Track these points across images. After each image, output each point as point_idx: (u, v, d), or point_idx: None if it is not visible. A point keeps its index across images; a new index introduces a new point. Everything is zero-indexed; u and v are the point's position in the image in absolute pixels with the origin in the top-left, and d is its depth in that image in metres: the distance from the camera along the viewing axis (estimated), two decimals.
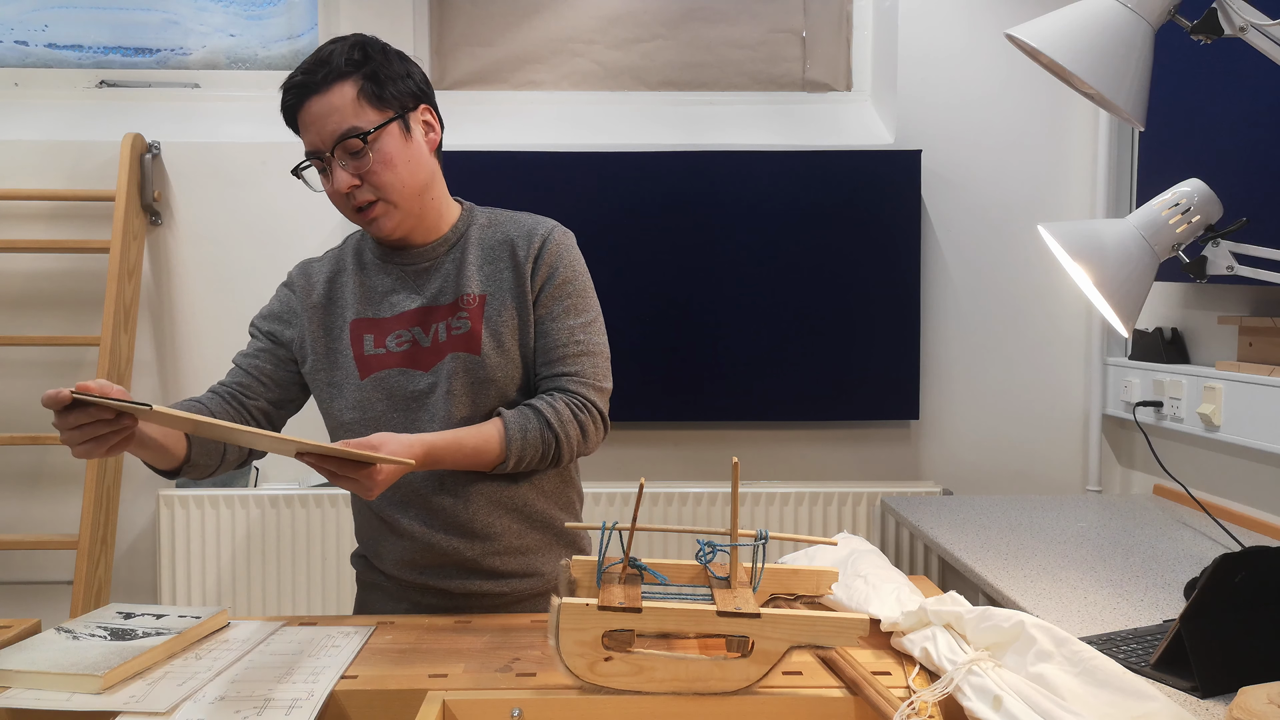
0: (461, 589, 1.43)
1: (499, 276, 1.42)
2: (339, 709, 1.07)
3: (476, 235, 1.45)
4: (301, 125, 1.36)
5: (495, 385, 1.38)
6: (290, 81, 1.35)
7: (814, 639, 1.04)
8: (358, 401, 1.40)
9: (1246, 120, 2.06)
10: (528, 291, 1.40)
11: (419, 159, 1.39)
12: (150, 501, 2.71)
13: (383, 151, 1.33)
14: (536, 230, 1.43)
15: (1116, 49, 1.26)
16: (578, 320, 1.42)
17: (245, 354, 1.46)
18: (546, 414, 1.35)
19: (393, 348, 1.40)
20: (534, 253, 1.41)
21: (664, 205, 2.66)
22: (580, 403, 1.38)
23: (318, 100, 1.33)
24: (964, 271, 2.76)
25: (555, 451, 1.37)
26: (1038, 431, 2.78)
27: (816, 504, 2.67)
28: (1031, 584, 1.67)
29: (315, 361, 1.43)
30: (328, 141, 1.33)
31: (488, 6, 2.89)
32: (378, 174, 1.34)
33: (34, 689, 1.06)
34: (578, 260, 1.45)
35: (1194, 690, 1.15)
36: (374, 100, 1.34)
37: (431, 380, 1.39)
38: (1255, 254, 1.40)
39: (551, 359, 1.40)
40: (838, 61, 2.93)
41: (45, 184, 2.68)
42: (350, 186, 1.34)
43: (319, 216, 2.72)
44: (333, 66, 1.33)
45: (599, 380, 1.41)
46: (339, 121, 1.32)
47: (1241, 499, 2.20)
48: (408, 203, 1.38)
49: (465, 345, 1.38)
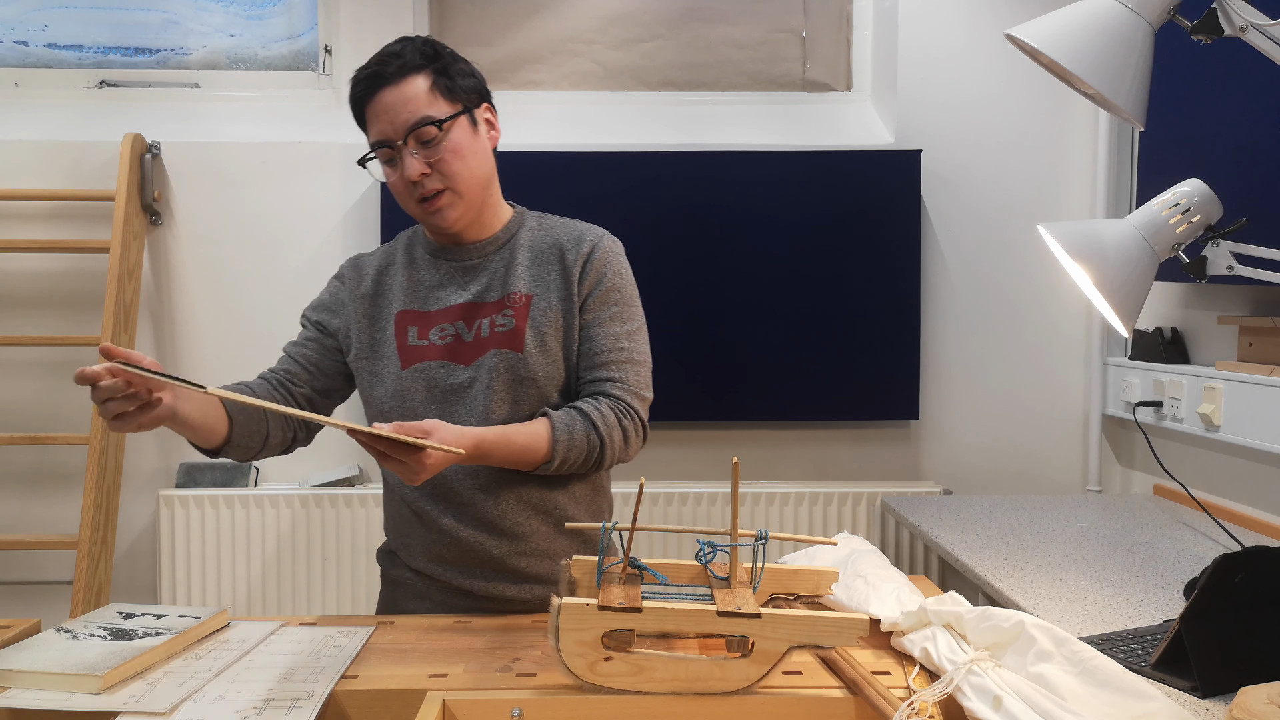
0: (485, 591, 1.43)
1: (547, 278, 1.44)
2: (339, 709, 1.07)
3: (526, 237, 1.47)
4: (371, 115, 1.38)
5: (535, 384, 1.40)
6: (361, 73, 1.38)
7: (814, 639, 1.04)
8: (397, 390, 1.42)
9: (1246, 120, 2.06)
10: (574, 295, 1.43)
11: (484, 153, 1.43)
12: (150, 501, 2.71)
13: (454, 141, 1.37)
14: (586, 236, 1.46)
15: (1116, 49, 1.26)
16: (623, 327, 1.44)
17: (294, 343, 1.50)
18: (593, 417, 1.37)
19: (435, 340, 1.43)
20: (583, 258, 1.44)
21: (663, 205, 2.66)
22: (624, 408, 1.40)
23: (391, 91, 1.35)
24: (964, 271, 2.76)
25: (599, 455, 1.38)
26: (1038, 431, 2.78)
27: (816, 504, 2.67)
28: (1031, 584, 1.67)
29: (359, 350, 1.46)
30: (400, 130, 1.35)
31: (488, 6, 2.89)
32: (448, 163, 1.37)
33: (34, 689, 1.06)
34: (625, 269, 1.48)
35: (1194, 690, 1.15)
36: (446, 93, 1.38)
37: (471, 374, 1.41)
38: (1255, 254, 1.40)
39: (595, 364, 1.42)
40: (838, 61, 2.93)
41: (45, 184, 2.68)
42: (420, 174, 1.36)
43: (319, 216, 2.72)
44: (406, 60, 1.36)
45: (641, 388, 1.43)
46: (413, 111, 1.35)
47: (1241, 499, 2.20)
48: (472, 194, 1.41)
49: (509, 342, 1.40)
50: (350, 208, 2.72)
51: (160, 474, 2.73)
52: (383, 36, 3.01)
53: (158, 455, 2.73)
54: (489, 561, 1.42)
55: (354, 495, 2.63)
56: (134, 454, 2.71)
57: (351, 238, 2.72)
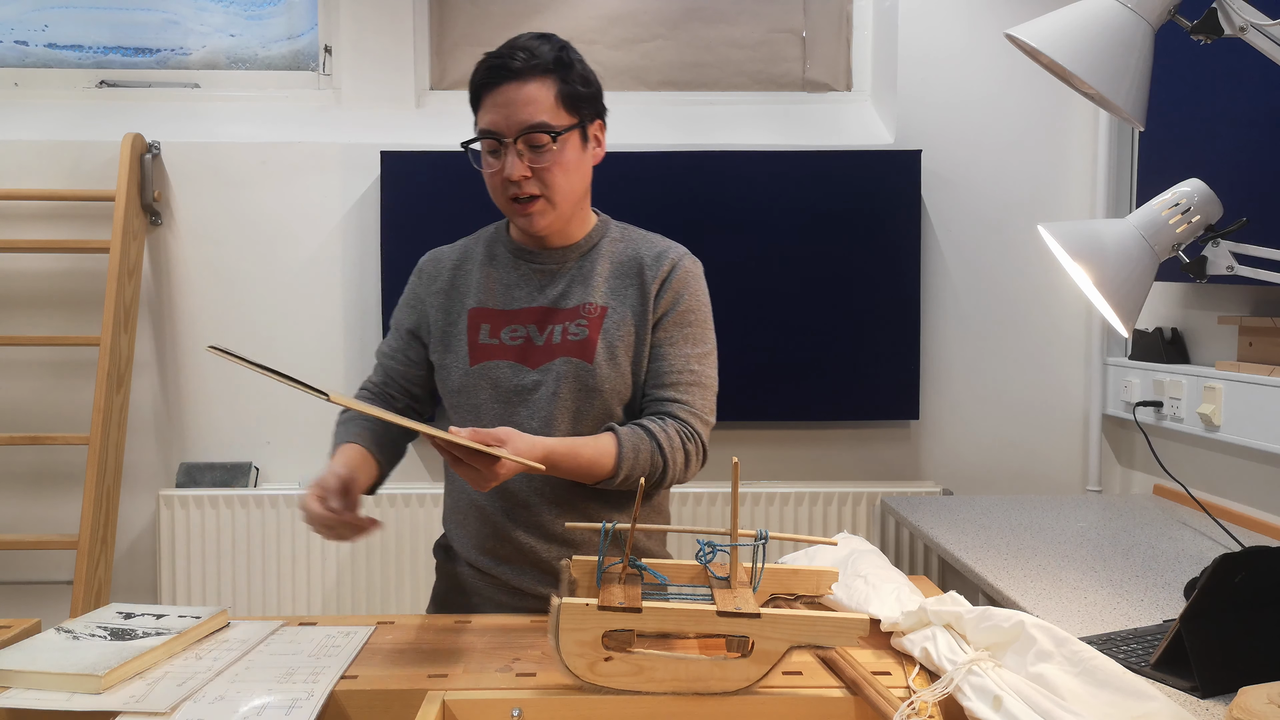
0: (534, 589, 1.44)
1: (623, 293, 1.44)
2: (339, 709, 1.07)
3: (608, 248, 1.48)
4: (488, 104, 1.37)
5: (601, 396, 1.40)
6: (491, 61, 1.37)
7: (814, 639, 1.04)
8: (462, 386, 1.43)
9: (1246, 120, 2.06)
10: (649, 313, 1.43)
11: (586, 169, 1.43)
12: (150, 501, 2.71)
13: (562, 154, 1.37)
14: (667, 254, 1.46)
15: (1116, 49, 1.26)
16: (694, 350, 1.44)
17: (384, 353, 1.53)
18: (659, 437, 1.37)
19: (506, 341, 1.43)
20: (662, 276, 1.44)
21: (663, 205, 2.66)
22: (689, 431, 1.40)
23: (515, 87, 1.35)
24: (964, 271, 2.76)
25: (661, 475, 1.38)
26: (1038, 431, 2.78)
27: (816, 504, 2.67)
28: (1031, 584, 1.67)
29: (434, 343, 1.48)
30: (514, 128, 1.35)
31: (488, 6, 2.89)
32: (551, 173, 1.37)
33: (34, 689, 1.06)
34: (703, 291, 1.48)
35: (1194, 690, 1.15)
36: (567, 103, 1.38)
37: (537, 379, 1.41)
38: (1255, 254, 1.40)
39: (663, 383, 1.42)
40: (838, 61, 2.93)
41: (45, 184, 2.68)
42: (521, 176, 1.36)
43: (319, 216, 2.72)
44: (540, 60, 1.36)
45: (705, 413, 1.44)
46: (533, 113, 1.34)
47: (1241, 499, 2.20)
48: (566, 206, 1.41)
49: (579, 352, 1.40)
50: (350, 208, 2.72)
51: (160, 474, 2.73)
52: (383, 36, 3.00)
53: (158, 455, 2.73)
54: (538, 564, 1.44)
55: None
56: (134, 454, 2.71)
57: (351, 238, 2.71)
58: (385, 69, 2.79)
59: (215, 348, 1.08)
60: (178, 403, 2.73)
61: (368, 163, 2.70)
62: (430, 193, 2.64)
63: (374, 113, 2.79)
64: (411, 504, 2.64)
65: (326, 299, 2.72)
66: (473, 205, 2.67)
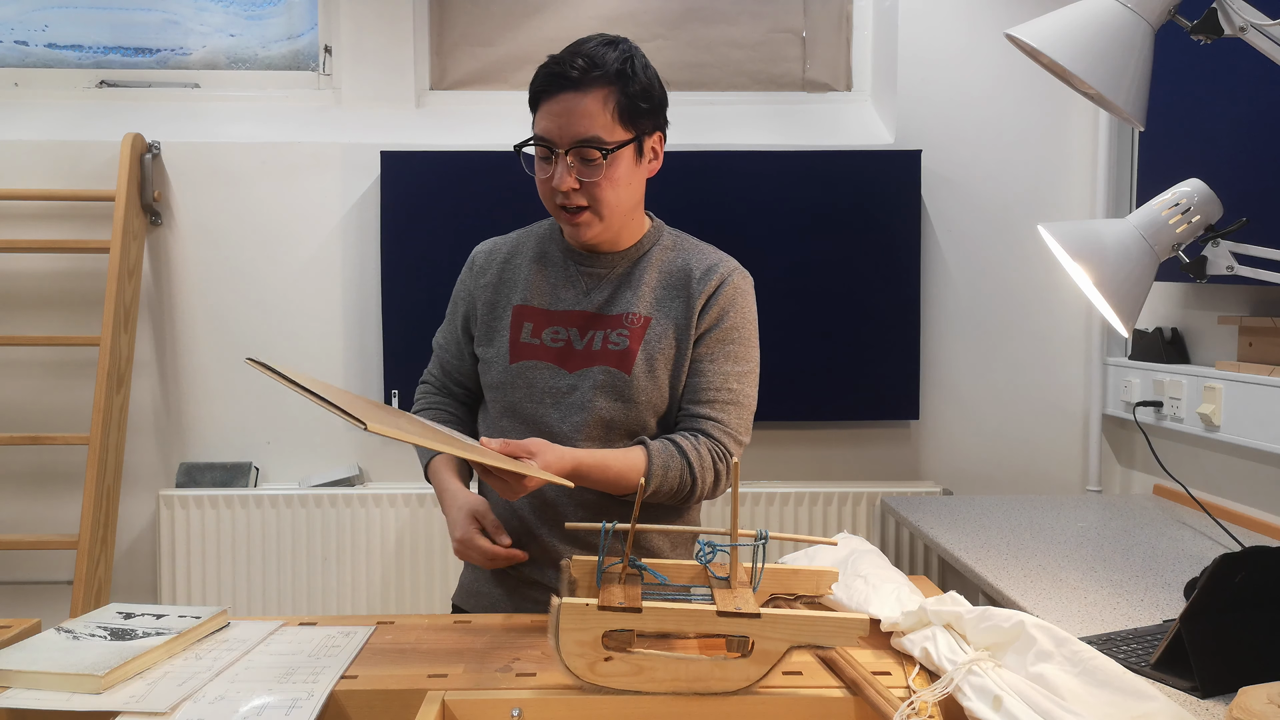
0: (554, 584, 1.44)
1: (669, 305, 1.43)
2: (339, 709, 1.07)
3: (659, 256, 1.47)
4: (544, 110, 1.35)
5: (637, 407, 1.40)
6: (553, 68, 1.34)
7: (814, 639, 1.04)
8: (500, 382, 1.44)
9: (1246, 120, 2.06)
10: (692, 327, 1.42)
11: (638, 182, 1.41)
12: (150, 501, 2.71)
13: (613, 169, 1.35)
14: (717, 268, 1.45)
15: (1116, 49, 1.26)
16: (734, 368, 1.43)
17: (440, 344, 1.56)
18: (690, 455, 1.36)
19: (548, 342, 1.43)
20: (710, 290, 1.43)
21: (662, 205, 2.62)
22: (721, 451, 1.40)
23: (573, 96, 1.32)
24: (964, 271, 2.76)
25: (689, 492, 1.38)
26: (1038, 432, 2.78)
27: (816, 504, 2.67)
28: (1031, 584, 1.67)
29: (479, 336, 1.49)
30: (566, 140, 1.33)
31: (488, 6, 2.89)
32: (601, 188, 1.35)
33: (34, 689, 1.06)
34: (750, 308, 1.48)
35: (1194, 690, 1.15)
36: (624, 116, 1.34)
37: (573, 383, 1.41)
38: (1255, 254, 1.40)
39: (700, 399, 1.42)
40: (838, 61, 2.93)
41: (45, 184, 2.68)
42: (570, 188, 1.34)
43: (319, 216, 2.72)
44: (603, 70, 1.32)
45: (740, 433, 1.43)
46: (587, 126, 1.32)
47: (1241, 499, 2.20)
48: (614, 220, 1.40)
49: (618, 361, 1.40)
50: (350, 208, 2.72)
51: (160, 474, 2.73)
52: (383, 36, 3.00)
53: (158, 455, 2.73)
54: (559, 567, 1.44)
55: (354, 495, 2.63)
56: (134, 454, 2.71)
57: (351, 238, 2.71)
58: (385, 69, 2.79)
59: (254, 360, 1.08)
60: (178, 403, 2.73)
61: (368, 163, 2.70)
62: (430, 193, 2.64)
63: (374, 113, 2.79)
64: (411, 504, 2.64)
65: (326, 299, 2.72)
66: (473, 205, 2.68)
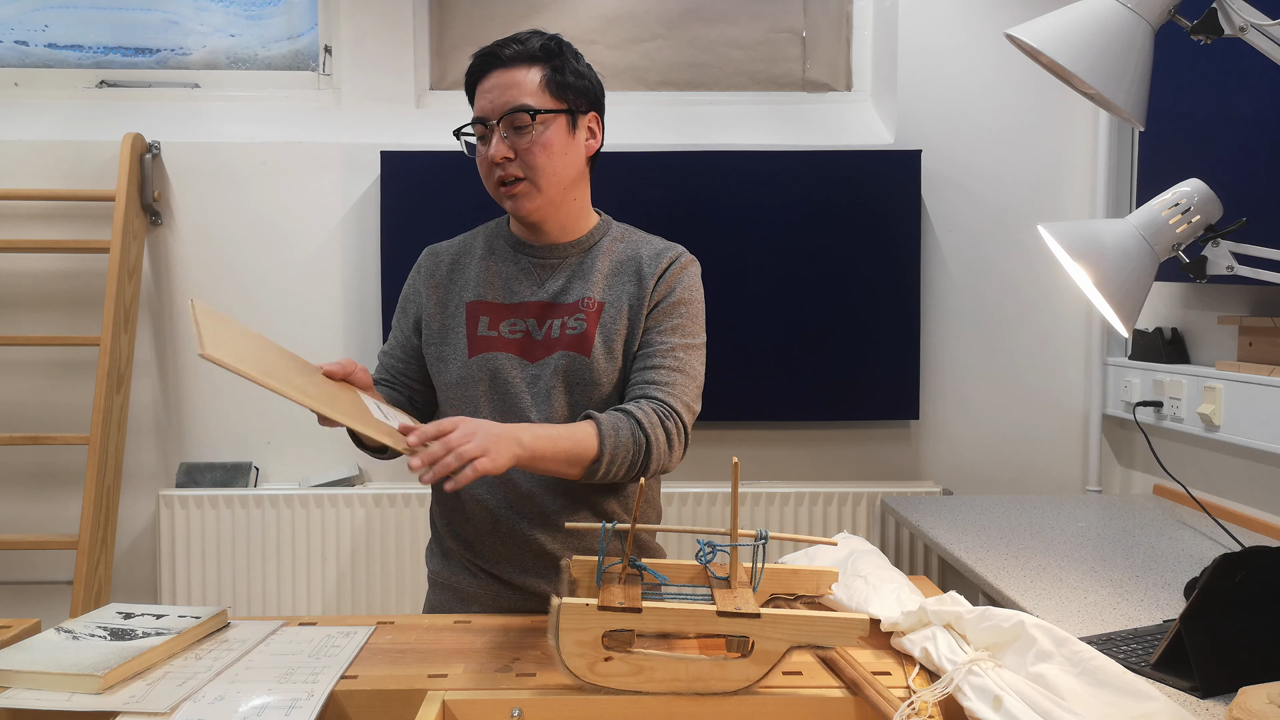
0: (537, 588, 1.44)
1: (621, 288, 1.45)
2: (339, 709, 1.07)
3: (609, 246, 1.49)
4: (478, 92, 1.43)
5: (599, 389, 1.42)
6: (482, 51, 1.43)
7: (814, 639, 1.04)
8: (462, 378, 1.44)
9: (1246, 120, 2.06)
10: (644, 305, 1.44)
11: (574, 156, 1.44)
12: (150, 501, 2.71)
13: (545, 136, 1.39)
14: (666, 253, 1.48)
15: (1116, 49, 1.26)
16: (680, 340, 1.44)
17: (384, 350, 1.56)
18: (636, 414, 1.36)
19: (505, 334, 1.45)
20: (660, 270, 1.46)
21: (663, 205, 2.66)
22: (666, 409, 1.39)
23: (502, 73, 1.40)
24: (964, 271, 2.76)
25: (645, 456, 1.36)
26: (1038, 432, 2.78)
27: (816, 504, 2.67)
28: (1031, 584, 1.67)
29: (429, 336, 1.49)
30: (497, 111, 1.39)
31: (488, 6, 2.89)
32: (533, 154, 1.39)
33: (34, 689, 1.06)
34: (697, 287, 1.49)
35: (1194, 690, 1.16)
36: (554, 90, 1.41)
37: (536, 372, 1.43)
38: (1255, 254, 1.40)
39: (645, 367, 1.42)
40: (838, 61, 2.93)
41: (45, 184, 2.68)
42: (503, 157, 1.39)
43: (319, 216, 2.72)
44: (526, 48, 1.42)
45: (687, 399, 1.42)
46: (515, 96, 1.39)
47: (1241, 499, 2.20)
48: (552, 191, 1.42)
49: (577, 346, 1.42)
50: (350, 208, 2.72)
51: (160, 474, 2.73)
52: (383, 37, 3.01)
53: (158, 455, 2.73)
54: (544, 556, 1.44)
55: (354, 495, 2.63)
56: (134, 454, 2.71)
57: (351, 238, 2.71)
58: (385, 69, 2.79)
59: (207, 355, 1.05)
60: (178, 403, 2.73)
61: (368, 163, 2.70)
62: (430, 192, 2.64)
63: (374, 113, 2.80)
64: (411, 504, 2.64)
65: (326, 299, 2.72)
66: (472, 205, 2.67)
